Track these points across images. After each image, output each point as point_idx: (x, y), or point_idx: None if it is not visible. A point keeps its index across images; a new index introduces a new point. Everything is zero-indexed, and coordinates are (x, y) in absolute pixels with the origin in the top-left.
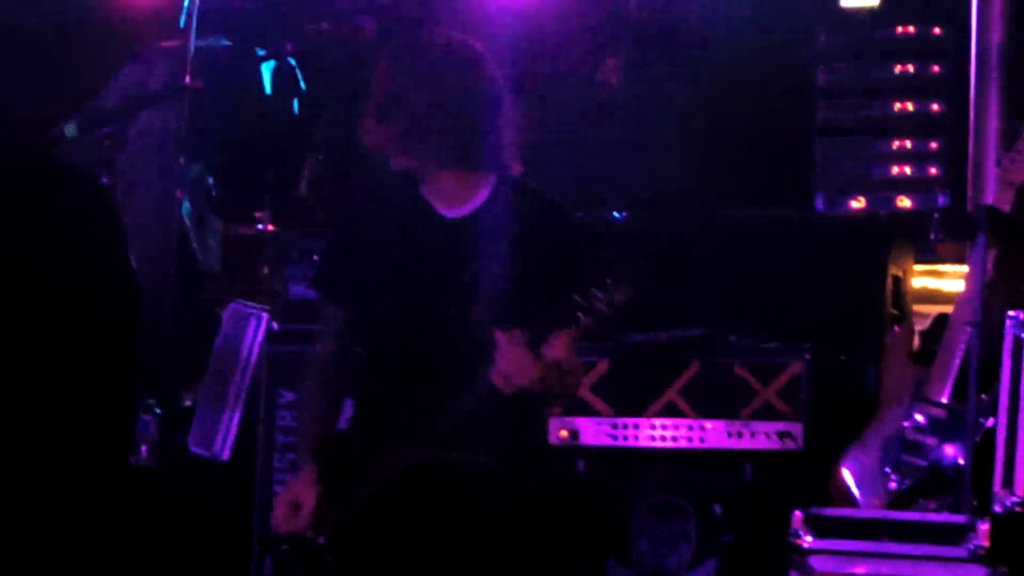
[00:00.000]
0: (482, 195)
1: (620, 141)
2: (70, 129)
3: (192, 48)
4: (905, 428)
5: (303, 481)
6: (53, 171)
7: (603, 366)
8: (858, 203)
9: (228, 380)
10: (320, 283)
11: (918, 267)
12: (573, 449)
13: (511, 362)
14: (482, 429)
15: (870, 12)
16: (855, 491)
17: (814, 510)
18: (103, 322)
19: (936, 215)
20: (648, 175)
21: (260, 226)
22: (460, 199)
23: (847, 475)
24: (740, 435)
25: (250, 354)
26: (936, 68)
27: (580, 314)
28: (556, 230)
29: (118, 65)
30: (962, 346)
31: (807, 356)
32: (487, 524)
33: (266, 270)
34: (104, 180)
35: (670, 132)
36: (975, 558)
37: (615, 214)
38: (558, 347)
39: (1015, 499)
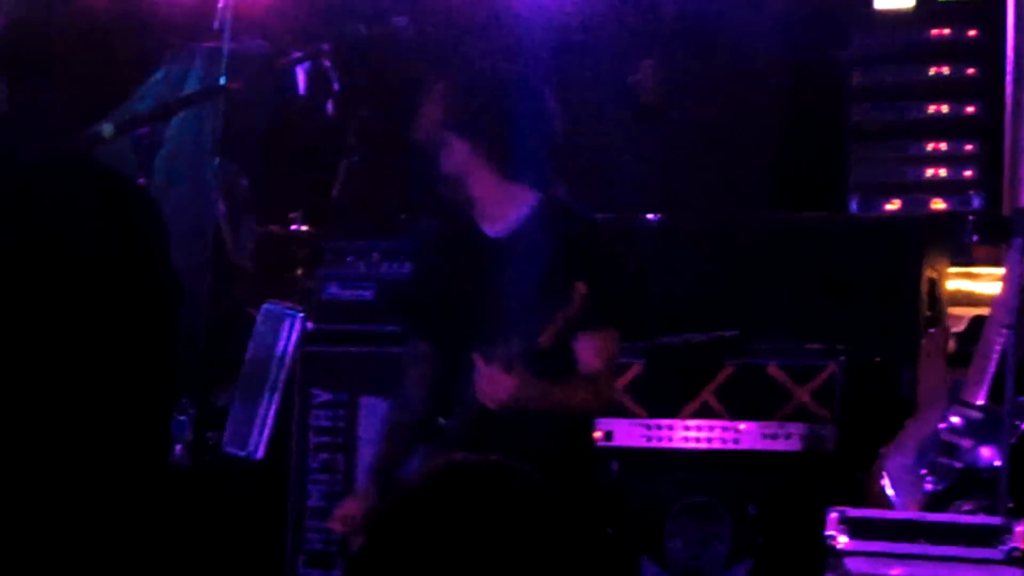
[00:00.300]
0: (523, 213)
1: (654, 143)
2: (107, 129)
3: (227, 49)
4: (941, 430)
5: (362, 496)
6: (94, 171)
7: (637, 367)
8: (892, 205)
9: (262, 380)
10: (396, 311)
11: (953, 269)
12: (607, 450)
13: (487, 381)
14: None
15: (905, 14)
16: (890, 493)
17: (849, 511)
18: (145, 321)
19: (971, 217)
20: (682, 177)
21: (294, 226)
22: (503, 217)
23: (882, 477)
24: (774, 436)
25: (284, 354)
26: (971, 70)
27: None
28: (594, 251)
29: (153, 65)
30: (998, 348)
31: (842, 358)
32: (519, 526)
33: (300, 271)
34: (140, 181)
35: (704, 134)
36: (1011, 560)
37: (649, 216)
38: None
39: None
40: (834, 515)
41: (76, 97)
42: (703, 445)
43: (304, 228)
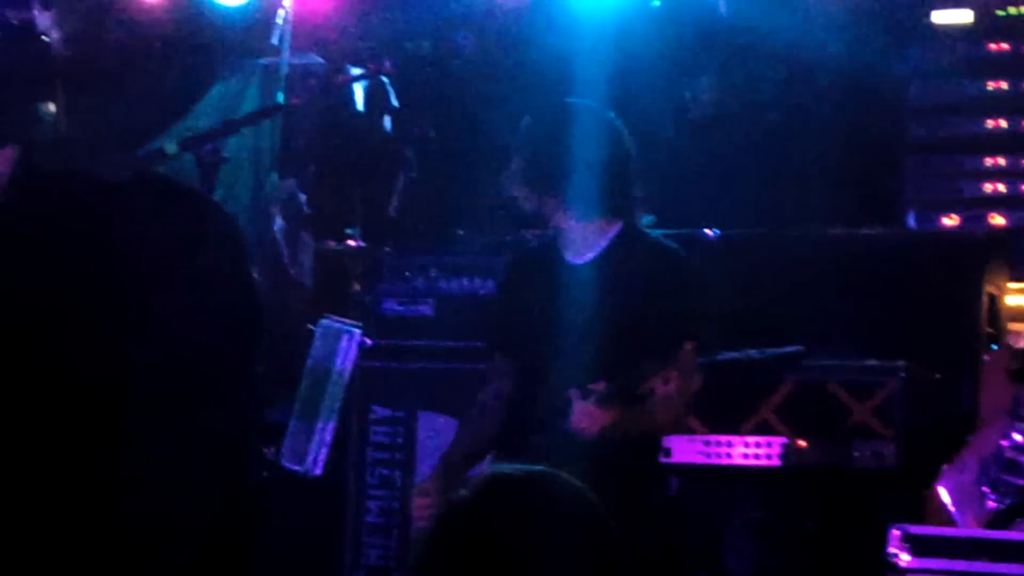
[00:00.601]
0: (604, 242)
1: (711, 157)
2: (170, 147)
3: (285, 65)
4: (1003, 447)
5: (423, 493)
6: (178, 191)
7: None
8: (950, 220)
9: (320, 396)
10: (485, 331)
11: (1013, 285)
12: (666, 466)
13: (582, 417)
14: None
15: (963, 28)
16: (952, 510)
17: (911, 528)
18: (236, 340)
19: None
20: (739, 192)
21: (351, 242)
22: (586, 246)
23: (944, 494)
24: (834, 453)
25: (342, 370)
26: None
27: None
28: (672, 279)
29: (211, 81)
30: None
31: (902, 374)
32: (565, 538)
33: (357, 286)
34: None
35: (761, 148)
36: None
37: (708, 231)
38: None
39: None
40: (896, 532)
41: (134, 113)
42: (762, 462)
43: (361, 244)
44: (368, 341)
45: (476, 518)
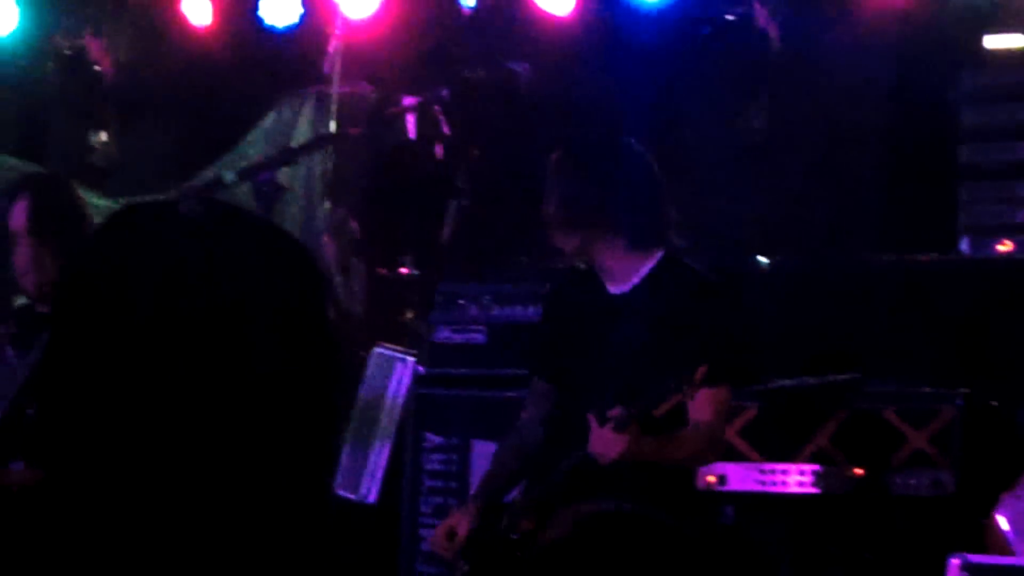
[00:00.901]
0: (643, 272)
1: (762, 183)
2: (228, 176)
3: (336, 94)
4: None
5: (464, 512)
6: (256, 224)
7: (751, 411)
8: (1004, 246)
9: (374, 424)
10: (524, 357)
11: None
12: (721, 494)
13: (598, 442)
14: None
15: (1015, 53)
16: (1011, 538)
17: (970, 557)
18: (313, 374)
19: None
20: (790, 217)
21: (404, 270)
22: (625, 276)
23: (1003, 522)
24: (891, 481)
25: (396, 398)
26: None
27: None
28: (708, 310)
29: (263, 110)
30: None
31: (959, 401)
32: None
33: (410, 314)
34: None
35: (813, 174)
36: None
37: (761, 259)
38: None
39: None
40: (955, 561)
41: (186, 141)
42: (818, 490)
43: (414, 272)
44: (422, 369)
45: (573, 558)
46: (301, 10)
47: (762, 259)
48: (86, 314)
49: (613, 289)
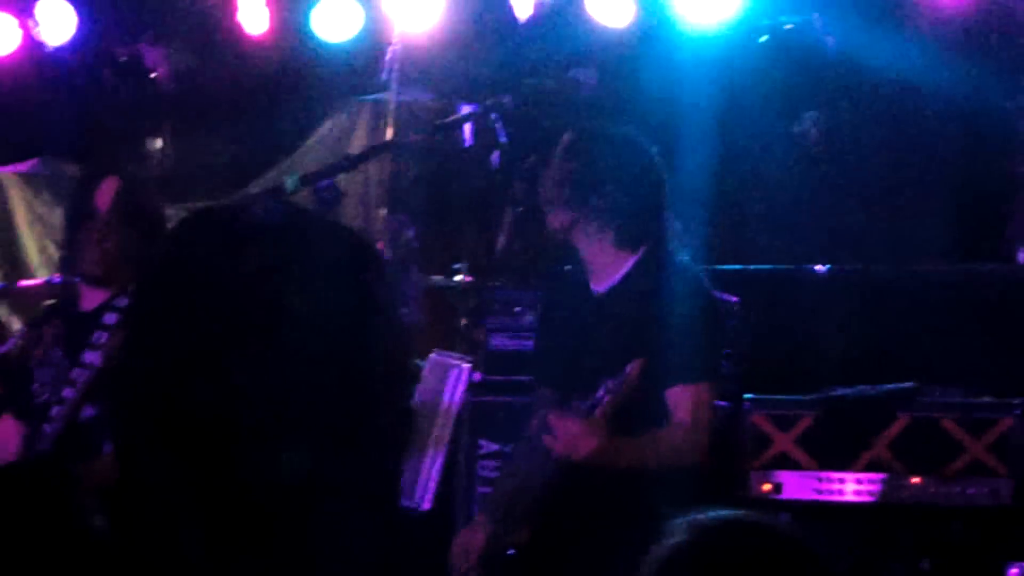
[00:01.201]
0: (625, 270)
1: (820, 193)
2: (289, 182)
3: (395, 101)
4: None
5: (476, 527)
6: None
7: (808, 419)
8: None
9: (428, 430)
10: (530, 362)
11: None
12: (776, 503)
13: (565, 441)
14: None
15: None
16: None
17: None
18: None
19: None
20: (848, 227)
21: (460, 277)
22: (608, 275)
23: None
24: (949, 490)
25: (451, 404)
26: None
27: (604, 394)
28: (686, 304)
29: (319, 117)
30: None
31: (1018, 411)
32: None
33: (465, 321)
34: None
35: (870, 184)
36: None
37: (818, 267)
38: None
39: None
40: (1014, 571)
41: (243, 149)
42: (875, 499)
43: (470, 279)
44: (477, 376)
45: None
46: (361, 23)
47: (819, 268)
48: (165, 313)
49: (596, 288)
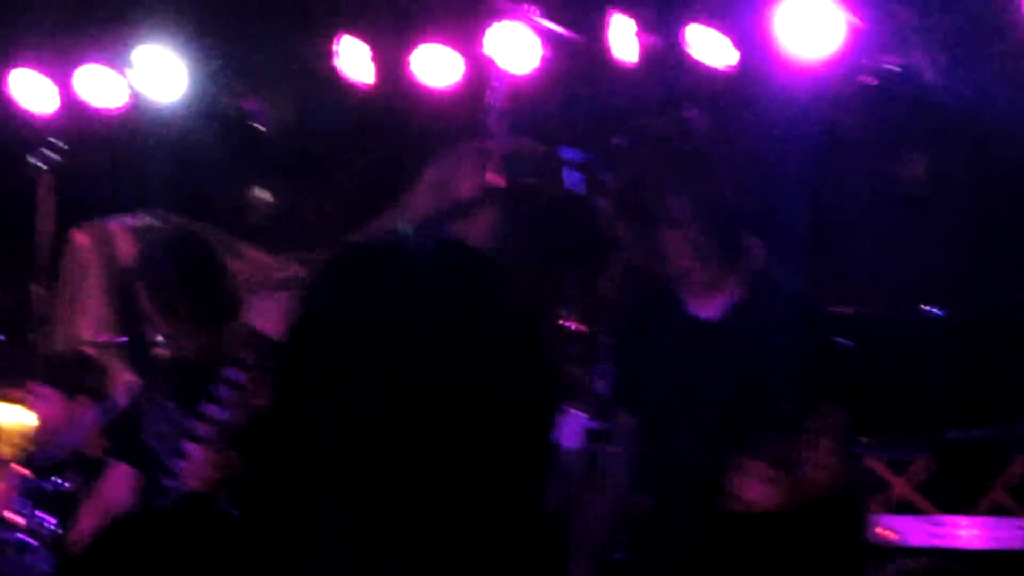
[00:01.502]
0: (734, 296)
1: (926, 235)
2: (405, 229)
3: (498, 146)
4: None
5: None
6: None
7: (924, 463)
8: None
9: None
10: (613, 387)
11: None
12: (894, 549)
13: (753, 490)
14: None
15: None
16: None
17: None
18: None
19: None
20: (954, 268)
21: (568, 324)
22: (711, 299)
23: None
24: None
25: (567, 452)
26: None
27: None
28: (804, 336)
29: (425, 164)
30: None
31: None
32: None
33: (575, 367)
34: None
35: (976, 226)
36: None
37: (931, 308)
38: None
39: None
40: None
41: (347, 196)
42: (994, 544)
43: (578, 325)
44: (595, 424)
45: None
46: (461, 69)
47: (935, 310)
48: (320, 354)
49: (702, 313)
